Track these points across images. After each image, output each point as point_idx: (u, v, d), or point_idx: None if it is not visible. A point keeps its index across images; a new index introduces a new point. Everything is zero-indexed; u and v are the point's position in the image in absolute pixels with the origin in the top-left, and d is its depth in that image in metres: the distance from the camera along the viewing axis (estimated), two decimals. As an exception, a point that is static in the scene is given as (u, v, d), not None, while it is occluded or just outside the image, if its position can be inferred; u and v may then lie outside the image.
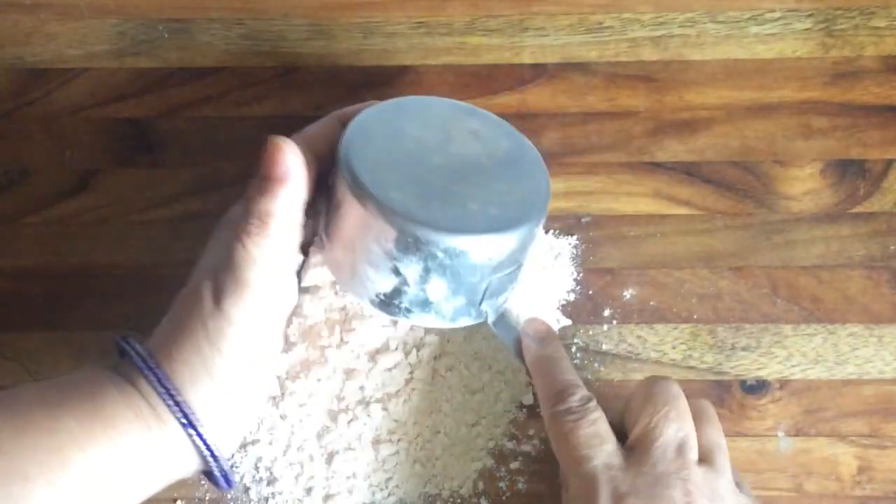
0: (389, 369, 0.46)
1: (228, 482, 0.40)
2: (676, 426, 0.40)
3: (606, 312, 0.49)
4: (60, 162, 0.51)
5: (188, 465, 0.39)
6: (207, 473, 0.40)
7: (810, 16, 0.53)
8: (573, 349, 0.49)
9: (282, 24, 0.53)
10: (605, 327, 0.49)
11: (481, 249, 0.39)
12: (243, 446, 0.47)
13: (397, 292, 0.40)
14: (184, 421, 0.38)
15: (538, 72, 0.52)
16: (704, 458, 0.40)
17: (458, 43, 0.53)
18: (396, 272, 0.39)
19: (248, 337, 0.39)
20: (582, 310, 0.49)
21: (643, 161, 0.51)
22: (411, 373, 0.46)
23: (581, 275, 0.50)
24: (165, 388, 0.38)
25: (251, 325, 0.39)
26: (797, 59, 0.52)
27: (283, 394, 0.47)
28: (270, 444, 0.47)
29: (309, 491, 0.46)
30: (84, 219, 0.50)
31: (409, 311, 0.41)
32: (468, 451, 0.47)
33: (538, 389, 0.43)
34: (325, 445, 0.46)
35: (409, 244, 0.38)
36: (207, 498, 0.47)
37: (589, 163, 0.51)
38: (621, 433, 0.42)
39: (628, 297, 0.50)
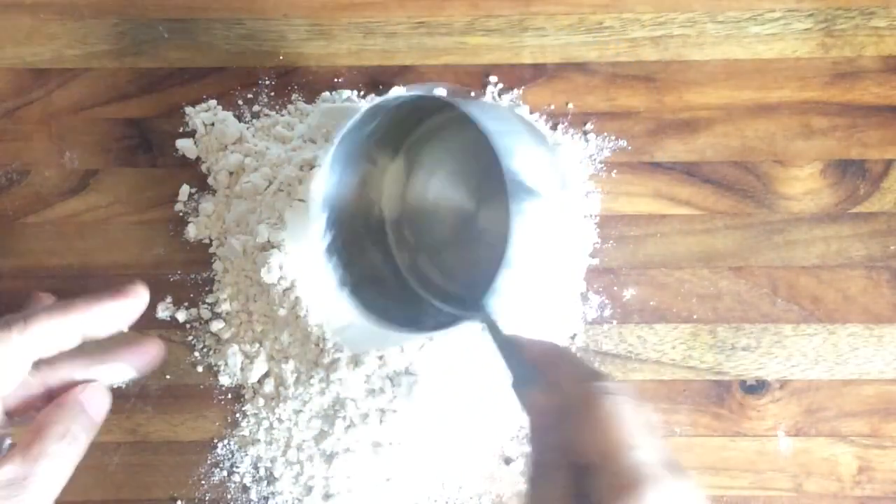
0: (391, 371, 0.46)
1: None
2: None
3: (606, 312, 0.49)
4: (60, 162, 0.51)
5: None
6: None
7: (810, 16, 0.53)
8: (573, 349, 0.49)
9: (282, 24, 0.53)
10: (605, 327, 0.49)
11: None
12: (243, 446, 0.47)
13: None
14: None
15: (538, 72, 0.52)
16: None
17: (458, 43, 0.52)
18: None
19: None
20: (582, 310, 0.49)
21: (643, 161, 0.51)
22: (412, 374, 0.46)
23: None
24: None
25: None
26: (797, 59, 0.52)
27: (279, 398, 0.47)
28: (270, 443, 0.47)
29: (309, 490, 0.46)
30: (84, 219, 0.50)
31: None
32: (470, 453, 0.47)
33: (560, 373, 0.34)
34: (323, 447, 0.46)
35: None
36: (207, 498, 0.47)
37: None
38: None
39: (628, 297, 0.50)
